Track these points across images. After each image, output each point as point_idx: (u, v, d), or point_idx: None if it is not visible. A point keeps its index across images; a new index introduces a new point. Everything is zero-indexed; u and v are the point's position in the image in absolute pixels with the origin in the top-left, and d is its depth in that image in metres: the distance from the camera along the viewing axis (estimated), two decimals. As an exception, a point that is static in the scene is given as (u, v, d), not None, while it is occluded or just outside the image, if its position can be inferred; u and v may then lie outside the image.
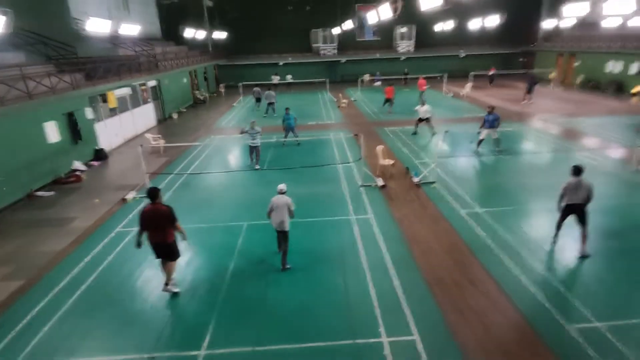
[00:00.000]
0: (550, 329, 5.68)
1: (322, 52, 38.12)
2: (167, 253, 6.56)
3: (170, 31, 31.37)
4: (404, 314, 6.08)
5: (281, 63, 37.47)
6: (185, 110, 25.76)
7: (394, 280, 6.94)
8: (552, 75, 31.99)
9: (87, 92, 14.96)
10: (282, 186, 7.20)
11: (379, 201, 10.34)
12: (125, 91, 18.23)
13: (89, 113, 15.20)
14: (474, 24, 35.32)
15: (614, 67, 27.89)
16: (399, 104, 24.36)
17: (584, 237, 7.37)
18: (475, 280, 6.91)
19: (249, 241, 8.55)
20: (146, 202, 6.57)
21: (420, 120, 16.52)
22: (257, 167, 13.38)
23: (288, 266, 7.39)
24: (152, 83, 21.64)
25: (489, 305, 6.26)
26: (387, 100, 22.52)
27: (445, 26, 35.66)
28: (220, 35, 34.66)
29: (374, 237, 8.49)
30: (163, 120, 22.75)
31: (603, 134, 16.07)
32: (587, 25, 32.16)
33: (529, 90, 23.69)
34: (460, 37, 38.35)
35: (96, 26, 17.52)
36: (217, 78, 36.96)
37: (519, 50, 38.73)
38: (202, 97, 29.57)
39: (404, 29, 38.38)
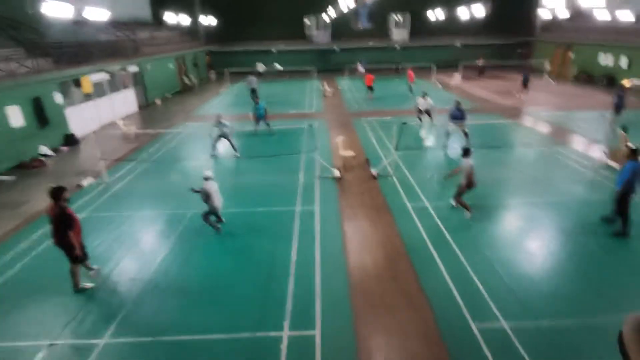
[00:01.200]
0: (455, 328, 5.61)
1: (315, 39, 37.61)
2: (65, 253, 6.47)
3: (159, 16, 31.07)
4: (314, 309, 6.05)
5: (274, 50, 37.05)
6: (170, 96, 25.65)
7: (317, 274, 6.89)
8: (546, 67, 31.27)
9: (55, 77, 14.90)
10: (208, 172, 7.40)
11: (330, 193, 10.26)
12: (101, 76, 18.16)
13: (58, 98, 15.18)
14: (469, 13, 34.54)
15: (606, 59, 27.25)
16: (387, 94, 24.14)
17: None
18: (398, 275, 6.84)
19: (188, 230, 8.53)
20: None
21: (420, 111, 16.03)
22: (237, 154, 13.41)
23: (223, 220, 8.38)
24: (133, 68, 21.52)
25: (404, 301, 6.20)
26: (369, 88, 22.96)
27: (439, 14, 34.91)
28: (211, 21, 34.23)
29: (312, 229, 8.43)
30: (145, 106, 22.68)
31: (583, 128, 15.74)
32: (581, 16, 31.37)
33: (525, 84, 22.94)
34: (456, 26, 37.60)
35: (55, 10, 16.75)
36: (209, 64, 36.69)
37: (517, 41, 37.89)
38: (190, 83, 29.42)
39: (398, 17, 37.64)
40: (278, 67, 33.35)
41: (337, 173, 11.31)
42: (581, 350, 5.19)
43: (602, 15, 26.68)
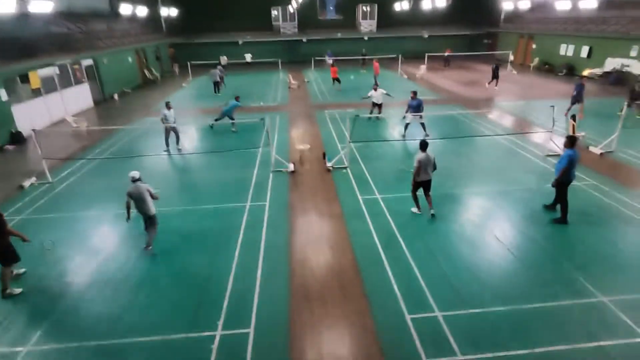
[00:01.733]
0: (390, 320, 5.61)
1: (282, 30, 37.10)
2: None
3: (117, 8, 29.84)
4: (250, 306, 5.94)
5: (240, 42, 36.35)
6: (130, 90, 24.77)
7: (258, 271, 6.78)
8: (509, 57, 31.83)
9: (-2, 72, 14.10)
10: (134, 173, 6.91)
11: (282, 187, 10.13)
12: (50, 71, 17.32)
13: (3, 94, 14.38)
14: (436, 3, 34.73)
15: (567, 50, 28.04)
16: (353, 86, 24.06)
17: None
18: (340, 269, 6.81)
19: (130, 230, 8.23)
20: None
21: (375, 104, 15.84)
22: (179, 147, 13.17)
23: (150, 247, 7.28)
24: (87, 62, 20.63)
25: (342, 296, 6.17)
26: (335, 80, 22.98)
27: (405, 5, 34.96)
28: (174, 12, 33.19)
29: (259, 224, 8.29)
30: (102, 101, 21.83)
31: (537, 118, 16.13)
32: (543, 7, 32.11)
33: (495, 76, 22.96)
34: (423, 17, 37.87)
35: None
36: (173, 57, 35.64)
37: (484, 32, 38.51)
38: (152, 77, 28.53)
39: (366, 8, 37.56)
40: (248, 58, 32.58)
41: (291, 167, 11.18)
42: (513, 336, 5.28)
43: (562, 5, 27.30)
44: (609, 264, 6.70)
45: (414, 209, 8.57)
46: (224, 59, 31.02)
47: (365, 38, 37.69)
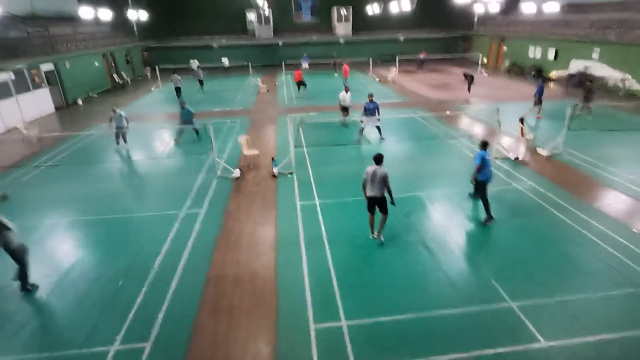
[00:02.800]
0: (293, 328, 5.52)
1: (257, 34, 36.97)
2: None
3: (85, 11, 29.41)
4: (154, 319, 5.78)
5: (215, 45, 36.13)
6: (96, 95, 24.37)
7: (174, 281, 6.62)
8: (480, 60, 32.11)
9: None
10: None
11: (223, 194, 9.98)
12: (4, 76, 16.93)
13: (-53, 100, 14.01)
14: (410, 7, 34.91)
15: (535, 52, 28.44)
16: (323, 89, 24.03)
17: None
18: (257, 276, 6.69)
19: (52, 241, 8.00)
20: None
21: (345, 109, 15.55)
22: (126, 146, 13.59)
23: (28, 287, 6.45)
24: (47, 67, 20.23)
25: (253, 304, 6.05)
26: (300, 83, 22.38)
27: (380, 8, 35.11)
28: (145, 15, 32.77)
29: (188, 233, 8.13)
30: (64, 107, 21.42)
31: (492, 120, 16.21)
32: (512, 10, 32.54)
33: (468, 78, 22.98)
34: (399, 20, 38.06)
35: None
36: (148, 60, 35.26)
37: (459, 35, 38.88)
38: (121, 82, 28.13)
39: (341, 11, 37.60)
40: (226, 63, 32.04)
41: (237, 173, 11.04)
42: (413, 345, 5.21)
43: (529, 8, 27.69)
44: (526, 268, 6.68)
45: (370, 236, 7.72)
46: (194, 63, 30.66)
47: (341, 41, 37.77)
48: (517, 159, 11.75)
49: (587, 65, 23.36)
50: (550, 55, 26.62)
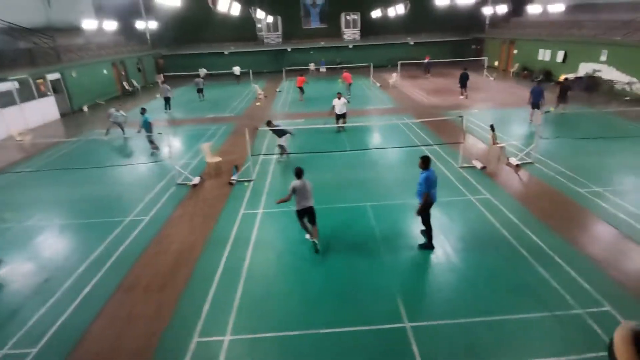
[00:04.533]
0: (174, 342, 5.53)
1: (266, 40, 37.48)
2: None
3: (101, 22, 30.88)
4: (52, 326, 5.95)
5: (226, 52, 36.94)
6: (103, 102, 25.45)
7: (87, 288, 6.80)
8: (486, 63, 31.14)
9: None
10: None
11: (175, 200, 10.16)
12: (8, 85, 18.00)
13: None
14: (423, 10, 34.37)
15: (544, 55, 27.30)
16: (322, 95, 24.10)
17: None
18: (168, 285, 6.75)
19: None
20: None
21: (338, 116, 15.41)
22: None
23: None
24: (53, 76, 21.34)
25: (152, 313, 6.11)
26: (301, 89, 23.39)
27: (390, 12, 34.75)
28: (154, 25, 34.03)
29: (123, 240, 8.31)
30: (70, 114, 22.50)
31: (476, 127, 15.72)
32: (522, 11, 31.46)
33: (463, 85, 22.60)
34: (409, 24, 37.55)
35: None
36: (161, 68, 36.49)
37: (470, 37, 37.92)
38: (130, 89, 29.24)
39: (350, 16, 37.52)
40: (237, 71, 32.06)
41: (196, 180, 11.22)
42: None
43: (538, 9, 26.70)
44: (445, 288, 6.41)
45: (307, 236, 7.97)
46: (202, 71, 31.50)
47: (350, 46, 37.69)
48: (484, 168, 11.32)
49: (595, 68, 22.21)
50: (559, 57, 25.47)
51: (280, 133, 12.61)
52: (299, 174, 7.36)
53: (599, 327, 5.40)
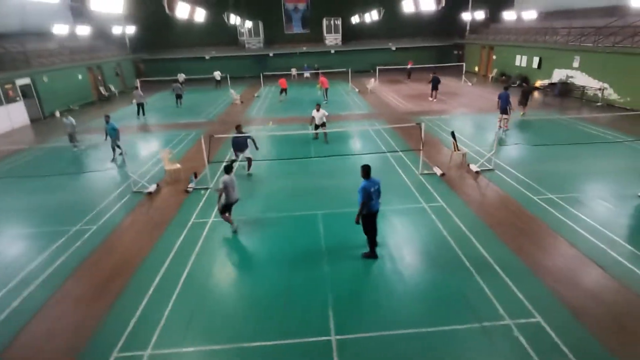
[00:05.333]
0: (94, 357, 5.35)
1: (247, 45, 37.39)
2: None
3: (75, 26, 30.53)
4: (-32, 342, 5.73)
5: (207, 57, 36.76)
6: (77, 107, 25.10)
7: (16, 302, 6.57)
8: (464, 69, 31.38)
9: None
10: None
11: (127, 208, 9.96)
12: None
13: None
14: (404, 16, 34.44)
15: (521, 60, 27.57)
16: (301, 100, 24.05)
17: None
18: (100, 297, 6.55)
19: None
20: None
21: (317, 126, 14.93)
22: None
23: None
24: (23, 81, 20.98)
25: (76, 327, 5.91)
26: (283, 90, 24.11)
27: (371, 17, 34.88)
28: (132, 30, 33.76)
29: (64, 251, 8.06)
30: (42, 119, 22.12)
31: (445, 133, 15.72)
32: (500, 17, 31.82)
33: (434, 87, 22.99)
34: (391, 29, 37.75)
35: None
36: (142, 72, 36.17)
37: (452, 43, 38.22)
38: (106, 94, 28.91)
39: (331, 22, 37.58)
40: (217, 76, 31.81)
41: (152, 188, 11.02)
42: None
43: (511, 15, 27.00)
44: (380, 299, 6.29)
45: (232, 226, 8.43)
46: (181, 77, 31.34)
47: (332, 51, 37.75)
48: (443, 175, 11.28)
49: (568, 74, 22.47)
50: (535, 63, 25.73)
51: (241, 146, 11.84)
52: (227, 169, 7.88)
53: (524, 338, 5.32)
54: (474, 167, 11.60)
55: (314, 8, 37.78)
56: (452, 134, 12.19)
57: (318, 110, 14.77)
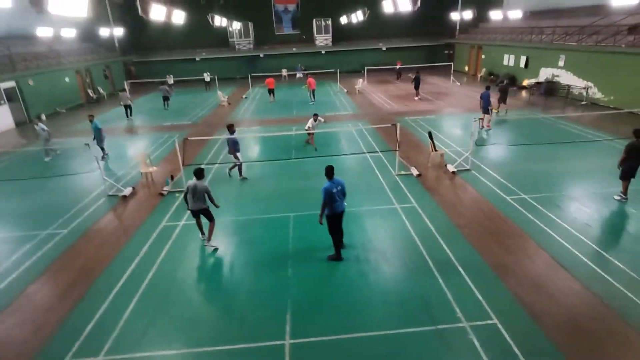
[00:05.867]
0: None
1: (237, 46, 37.34)
2: None
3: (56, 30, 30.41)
4: None
5: (198, 59, 36.69)
6: (64, 110, 25.00)
7: (-26, 308, 6.54)
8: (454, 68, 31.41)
9: None
10: None
11: (100, 212, 9.90)
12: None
13: None
14: (394, 16, 34.45)
15: (509, 60, 27.61)
16: (290, 100, 24.01)
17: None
18: (60, 303, 6.50)
19: None
20: None
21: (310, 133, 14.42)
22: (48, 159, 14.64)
23: None
24: (7, 84, 20.88)
25: (29, 337, 5.86)
26: (270, 91, 24.27)
27: (360, 18, 34.87)
28: (120, 32, 33.66)
29: (30, 256, 8.01)
30: (27, 122, 22.02)
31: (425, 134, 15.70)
32: (488, 17, 31.83)
33: (416, 86, 23.22)
34: (382, 30, 37.78)
35: None
36: (132, 74, 36.09)
37: (442, 43, 38.23)
38: (95, 96, 28.81)
39: (321, 22, 37.56)
40: (207, 78, 31.59)
41: (127, 191, 10.97)
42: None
43: (498, 14, 27.04)
44: (340, 302, 6.26)
45: (200, 237, 8.31)
46: (170, 79, 31.29)
47: (323, 52, 37.73)
48: (419, 175, 11.27)
49: (554, 73, 22.51)
50: (522, 63, 25.77)
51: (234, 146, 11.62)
52: (197, 174, 7.53)
53: (478, 341, 5.30)
54: (450, 168, 11.59)
55: (304, 9, 37.76)
56: (429, 134, 12.18)
57: (315, 120, 14.22)
